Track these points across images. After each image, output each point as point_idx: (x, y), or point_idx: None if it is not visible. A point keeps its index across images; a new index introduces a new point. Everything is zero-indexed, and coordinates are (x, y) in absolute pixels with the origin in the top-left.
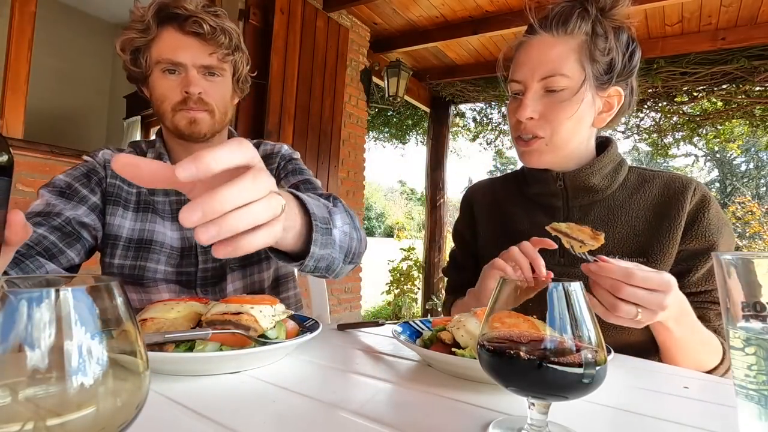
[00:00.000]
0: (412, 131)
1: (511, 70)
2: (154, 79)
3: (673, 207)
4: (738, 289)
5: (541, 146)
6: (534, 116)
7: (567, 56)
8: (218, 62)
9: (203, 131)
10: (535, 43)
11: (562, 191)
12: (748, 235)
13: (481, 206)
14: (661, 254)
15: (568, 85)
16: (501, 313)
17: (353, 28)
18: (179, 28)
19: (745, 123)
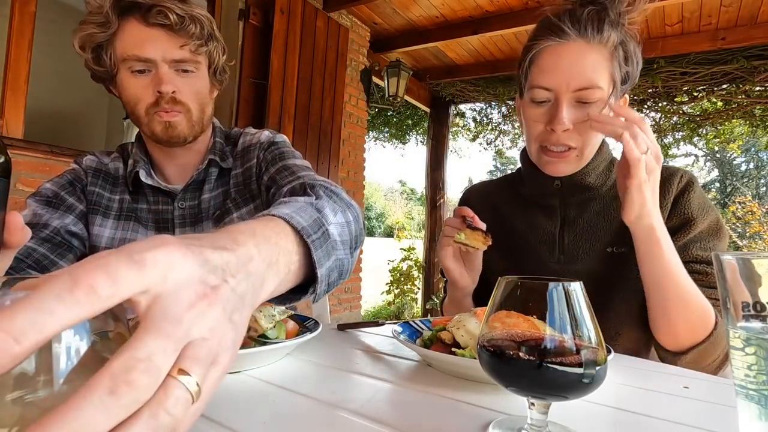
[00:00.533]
0: (412, 131)
1: (535, 74)
2: (121, 78)
3: (660, 194)
4: (738, 289)
5: (572, 157)
6: (570, 127)
7: (601, 66)
8: (191, 55)
9: (182, 135)
10: (569, 50)
11: (559, 191)
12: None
13: (478, 208)
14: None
15: (601, 97)
16: (501, 313)
17: (353, 28)
18: (143, 20)
19: (745, 123)
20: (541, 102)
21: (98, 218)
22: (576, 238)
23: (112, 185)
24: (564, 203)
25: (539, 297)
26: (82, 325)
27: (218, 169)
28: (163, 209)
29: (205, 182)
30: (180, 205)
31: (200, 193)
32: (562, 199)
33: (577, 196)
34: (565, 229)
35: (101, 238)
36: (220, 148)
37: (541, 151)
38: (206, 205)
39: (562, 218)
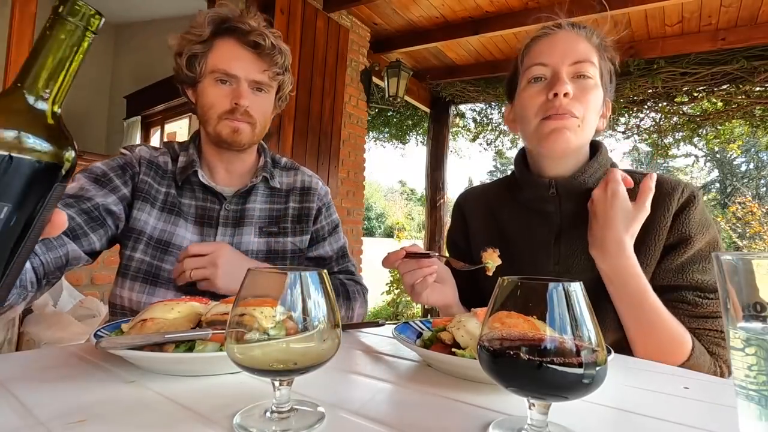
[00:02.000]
0: (412, 131)
1: (532, 56)
2: (205, 86)
3: (660, 208)
4: (738, 289)
5: (574, 125)
6: (570, 92)
7: (591, 50)
8: (268, 79)
9: (243, 141)
10: (563, 36)
11: (555, 198)
12: (749, 235)
13: (473, 213)
14: (650, 256)
15: (594, 75)
16: (501, 314)
17: (353, 29)
18: (238, 41)
19: (745, 123)
20: (538, 79)
21: (147, 206)
22: (572, 247)
23: (161, 177)
24: (560, 210)
25: (539, 297)
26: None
27: (266, 185)
28: (209, 207)
29: (251, 193)
30: (227, 207)
31: (246, 201)
32: (558, 206)
33: (573, 203)
34: (561, 237)
35: (145, 225)
36: (270, 168)
37: (543, 122)
38: (251, 213)
39: (558, 225)
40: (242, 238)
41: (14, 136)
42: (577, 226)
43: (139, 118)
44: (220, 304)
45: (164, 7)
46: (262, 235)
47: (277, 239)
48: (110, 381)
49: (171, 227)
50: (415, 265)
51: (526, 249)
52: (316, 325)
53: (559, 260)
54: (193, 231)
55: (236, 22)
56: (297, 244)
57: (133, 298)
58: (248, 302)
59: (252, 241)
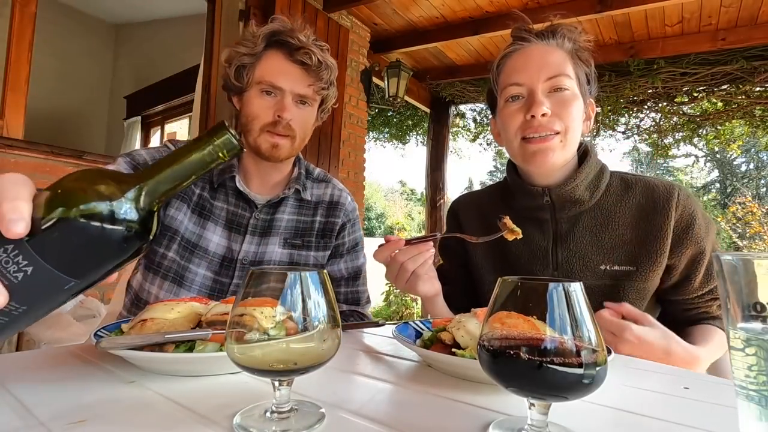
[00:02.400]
0: (413, 131)
1: (505, 76)
2: (250, 95)
3: (658, 215)
4: (738, 289)
5: (556, 142)
6: (548, 112)
7: (565, 60)
8: (313, 94)
9: (282, 156)
10: (533, 50)
11: (549, 205)
12: (749, 235)
13: (468, 219)
14: (650, 263)
15: (571, 86)
16: (501, 314)
17: (353, 29)
18: (287, 55)
19: (745, 123)
20: (516, 98)
21: (183, 205)
22: (569, 255)
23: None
24: (555, 218)
25: (539, 298)
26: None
27: (296, 196)
28: (240, 213)
29: (281, 203)
30: (257, 216)
31: (275, 211)
32: (552, 214)
33: (568, 211)
34: (558, 245)
35: (180, 225)
36: (303, 179)
37: (524, 143)
38: (278, 223)
39: (554, 233)
40: (267, 247)
41: (111, 223)
42: (572, 233)
43: (139, 118)
44: (219, 304)
45: (164, 8)
46: (286, 246)
47: (300, 252)
48: (110, 381)
49: (200, 230)
50: (415, 251)
51: (523, 256)
52: (316, 325)
53: (557, 267)
54: (221, 235)
55: (286, 36)
56: (319, 258)
57: (160, 295)
58: (248, 302)
59: (276, 252)
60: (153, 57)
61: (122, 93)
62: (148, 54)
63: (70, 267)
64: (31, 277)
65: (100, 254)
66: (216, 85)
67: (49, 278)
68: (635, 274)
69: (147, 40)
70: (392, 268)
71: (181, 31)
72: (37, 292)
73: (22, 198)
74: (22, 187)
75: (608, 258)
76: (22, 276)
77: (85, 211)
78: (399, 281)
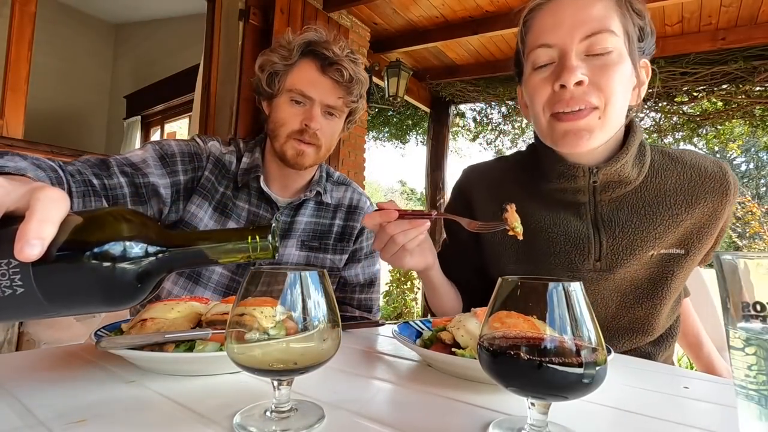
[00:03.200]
0: (413, 131)
1: (533, 35)
2: (279, 102)
3: (716, 194)
4: (738, 289)
5: (594, 120)
6: (584, 80)
7: (609, 11)
8: (342, 105)
9: (306, 164)
10: (567, 2)
11: (589, 187)
12: (748, 235)
13: (482, 198)
14: (701, 246)
15: (616, 45)
16: (501, 313)
17: (353, 28)
18: (319, 67)
19: (745, 123)
20: (544, 66)
21: (204, 203)
22: (615, 242)
23: (222, 176)
24: (594, 200)
25: (539, 297)
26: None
27: (316, 199)
28: (261, 214)
29: (302, 206)
30: (278, 218)
31: (296, 214)
32: (592, 195)
33: (612, 192)
34: (602, 231)
35: (200, 222)
36: (324, 182)
37: (554, 120)
38: (297, 226)
39: (593, 217)
40: (286, 249)
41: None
42: (617, 217)
43: (139, 117)
44: (219, 304)
45: (164, 8)
46: (303, 249)
47: (317, 254)
48: (110, 381)
49: (220, 227)
50: (408, 225)
51: (558, 245)
52: (316, 325)
53: (600, 257)
54: None
55: (321, 47)
56: (336, 261)
57: (174, 291)
58: (248, 302)
59: (293, 254)
60: (153, 56)
61: (122, 93)
62: (148, 54)
63: (59, 301)
64: (17, 297)
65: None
66: (216, 84)
67: (33, 304)
68: (684, 258)
69: (147, 40)
70: (381, 237)
71: (181, 31)
72: (14, 310)
73: (51, 221)
74: (56, 209)
75: (659, 242)
76: (8, 293)
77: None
78: (385, 253)
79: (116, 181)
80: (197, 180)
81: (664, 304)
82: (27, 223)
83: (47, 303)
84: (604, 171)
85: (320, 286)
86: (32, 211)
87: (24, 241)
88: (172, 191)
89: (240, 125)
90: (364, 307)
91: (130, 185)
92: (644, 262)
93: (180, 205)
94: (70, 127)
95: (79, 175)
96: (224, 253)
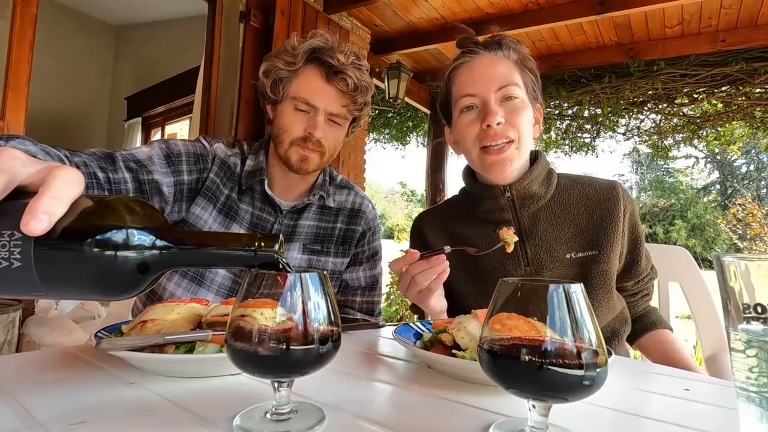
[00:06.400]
0: (413, 133)
1: (458, 87)
2: (283, 108)
3: (608, 201)
4: (739, 291)
5: (513, 151)
6: (502, 121)
7: (512, 70)
8: (346, 113)
9: (309, 169)
10: (481, 61)
11: (510, 203)
12: (749, 237)
13: (433, 235)
14: (609, 244)
15: (520, 94)
16: (501, 315)
17: (353, 30)
18: (324, 75)
19: (745, 125)
20: (470, 108)
21: (209, 205)
22: (537, 249)
23: (227, 178)
24: (517, 216)
25: (540, 299)
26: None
27: (319, 202)
28: (264, 218)
29: (305, 209)
30: (281, 221)
31: (299, 217)
32: (514, 212)
33: (528, 207)
34: (526, 241)
35: (204, 224)
36: (327, 186)
37: (483, 153)
38: (301, 229)
39: (518, 230)
40: (288, 253)
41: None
42: (535, 227)
43: (140, 119)
44: (220, 306)
45: (164, 9)
46: (305, 252)
47: (319, 258)
48: (110, 382)
49: (224, 230)
50: (426, 265)
51: (494, 259)
52: (316, 326)
53: (528, 262)
54: None
55: (326, 55)
56: (337, 265)
57: (177, 293)
58: (248, 303)
59: (296, 257)
60: (153, 58)
61: (123, 94)
62: (148, 55)
63: (52, 282)
64: (12, 271)
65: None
66: (216, 86)
67: (26, 280)
68: (598, 257)
69: (147, 42)
70: (404, 279)
71: (182, 33)
72: (4, 283)
73: (63, 199)
74: (70, 188)
75: (571, 246)
76: (4, 266)
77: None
78: (410, 293)
79: (121, 176)
80: (202, 181)
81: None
82: (39, 197)
83: (40, 282)
84: (516, 187)
85: (320, 287)
86: (47, 186)
87: (32, 215)
88: (175, 190)
89: (240, 127)
90: (365, 310)
91: (134, 181)
92: (565, 264)
93: (183, 206)
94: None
95: (85, 167)
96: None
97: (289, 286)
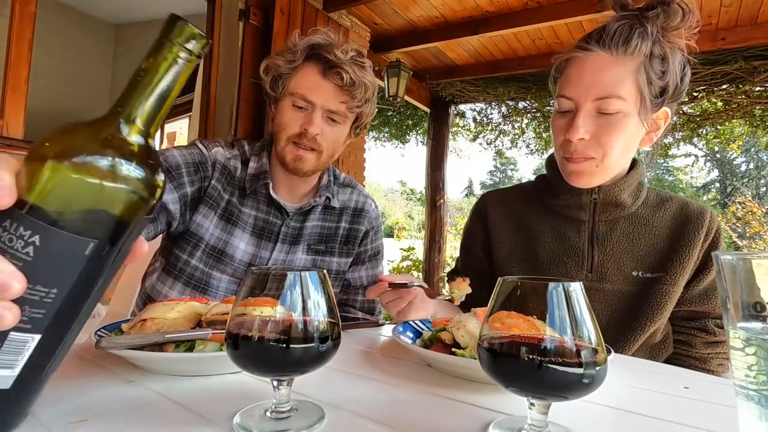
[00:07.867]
0: (413, 131)
1: (560, 84)
2: (282, 106)
3: (691, 225)
4: (738, 289)
5: (591, 167)
6: (586, 137)
7: (624, 78)
8: (345, 110)
9: (305, 169)
10: (592, 61)
11: (591, 205)
12: (749, 235)
13: (496, 218)
14: (680, 269)
15: (622, 108)
16: (501, 314)
17: (353, 29)
18: (321, 71)
19: (745, 123)
20: (564, 112)
21: (210, 213)
22: (605, 258)
23: (228, 183)
24: (593, 219)
25: (539, 297)
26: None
27: (325, 204)
28: (271, 221)
29: (311, 212)
30: (288, 224)
31: (305, 219)
32: (591, 215)
33: (608, 213)
34: (595, 247)
35: (206, 232)
36: (332, 186)
37: (564, 159)
38: (307, 231)
39: (590, 234)
40: (294, 255)
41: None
42: (610, 236)
43: None
44: (219, 304)
45: (164, 8)
46: (310, 252)
47: (323, 258)
48: (110, 381)
49: (226, 236)
50: (395, 295)
51: (557, 254)
52: (315, 325)
53: (592, 268)
54: (249, 242)
55: (324, 51)
56: (341, 265)
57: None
58: (248, 302)
59: (301, 258)
60: None
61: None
62: None
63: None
64: (42, 247)
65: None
66: (216, 85)
67: (63, 244)
68: (664, 278)
69: (147, 40)
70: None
71: None
72: (57, 265)
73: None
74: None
75: (641, 264)
76: (32, 250)
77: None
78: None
79: None
80: (204, 190)
81: (648, 324)
82: None
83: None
84: (604, 190)
85: (320, 286)
86: None
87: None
88: (181, 204)
89: (240, 125)
90: (367, 309)
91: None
92: (630, 282)
93: (187, 216)
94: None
95: None
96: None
97: (289, 285)
